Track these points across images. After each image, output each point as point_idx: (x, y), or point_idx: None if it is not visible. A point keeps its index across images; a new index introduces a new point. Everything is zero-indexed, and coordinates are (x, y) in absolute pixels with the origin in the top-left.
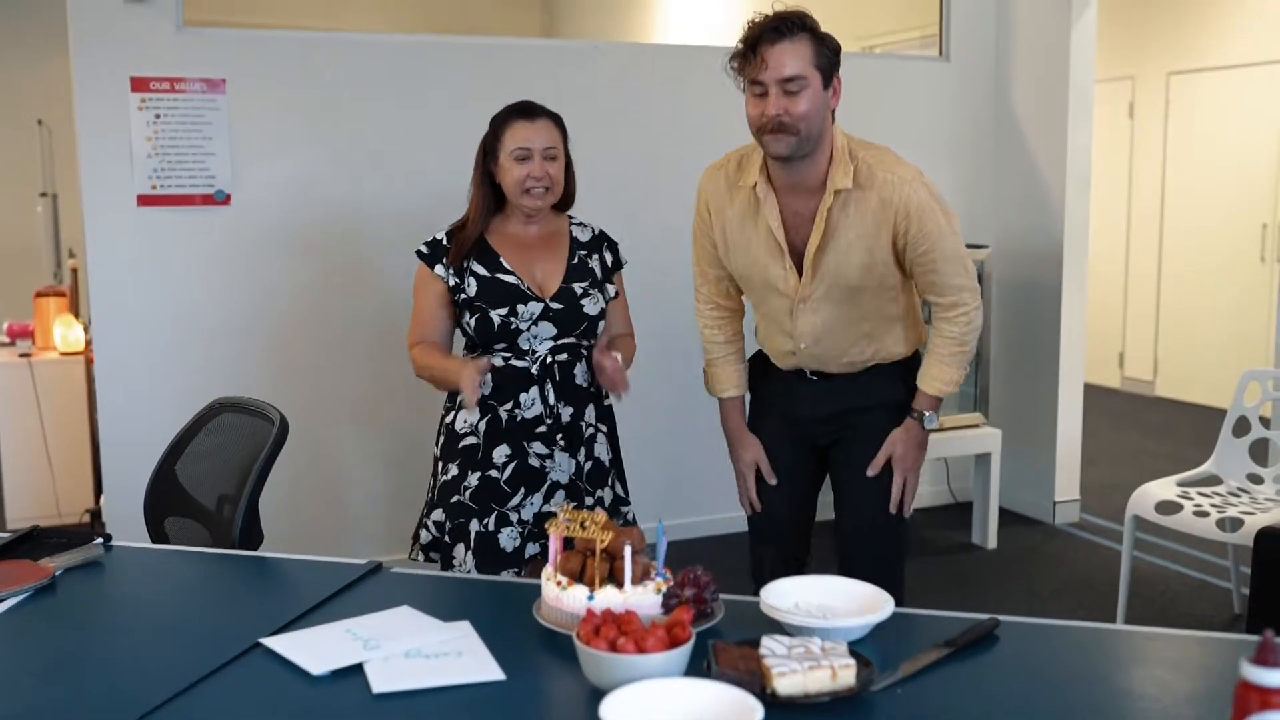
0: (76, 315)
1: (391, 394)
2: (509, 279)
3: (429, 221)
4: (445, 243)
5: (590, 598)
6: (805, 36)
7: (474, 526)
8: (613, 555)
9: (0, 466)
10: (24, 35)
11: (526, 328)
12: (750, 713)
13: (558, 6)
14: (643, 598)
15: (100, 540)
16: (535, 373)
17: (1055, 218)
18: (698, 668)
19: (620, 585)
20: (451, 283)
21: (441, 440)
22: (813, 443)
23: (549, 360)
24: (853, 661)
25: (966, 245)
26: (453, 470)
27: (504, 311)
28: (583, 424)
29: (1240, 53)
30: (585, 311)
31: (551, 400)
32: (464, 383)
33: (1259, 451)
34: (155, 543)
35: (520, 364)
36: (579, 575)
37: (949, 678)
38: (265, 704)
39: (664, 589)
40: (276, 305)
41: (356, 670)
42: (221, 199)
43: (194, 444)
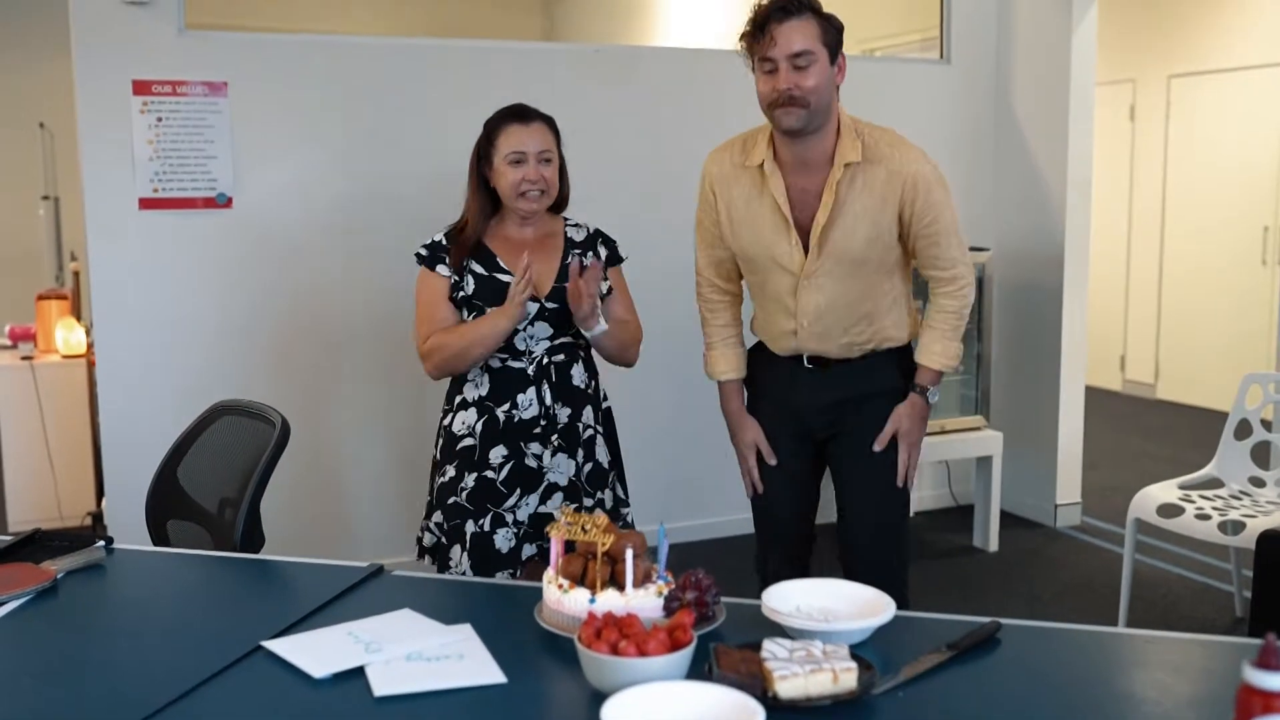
0: (78, 318)
1: (393, 397)
2: (505, 278)
3: (430, 224)
4: (445, 243)
5: (592, 601)
6: (810, 15)
7: (470, 527)
8: (614, 558)
9: (2, 469)
10: (26, 38)
11: (523, 327)
12: (751, 716)
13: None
14: (644, 601)
15: (102, 543)
16: (532, 373)
17: (1056, 220)
18: (699, 671)
19: (622, 588)
20: (454, 280)
21: (440, 442)
22: (811, 435)
23: (545, 361)
24: (854, 665)
25: (968, 249)
26: (450, 472)
27: None
28: (580, 425)
29: (1241, 56)
30: None
31: (548, 401)
32: (514, 298)
33: (1260, 454)
34: (157, 546)
35: (517, 365)
36: (580, 578)
37: (950, 681)
38: (266, 707)
39: (665, 592)
40: (278, 308)
41: (358, 673)
42: (223, 202)
43: (195, 447)
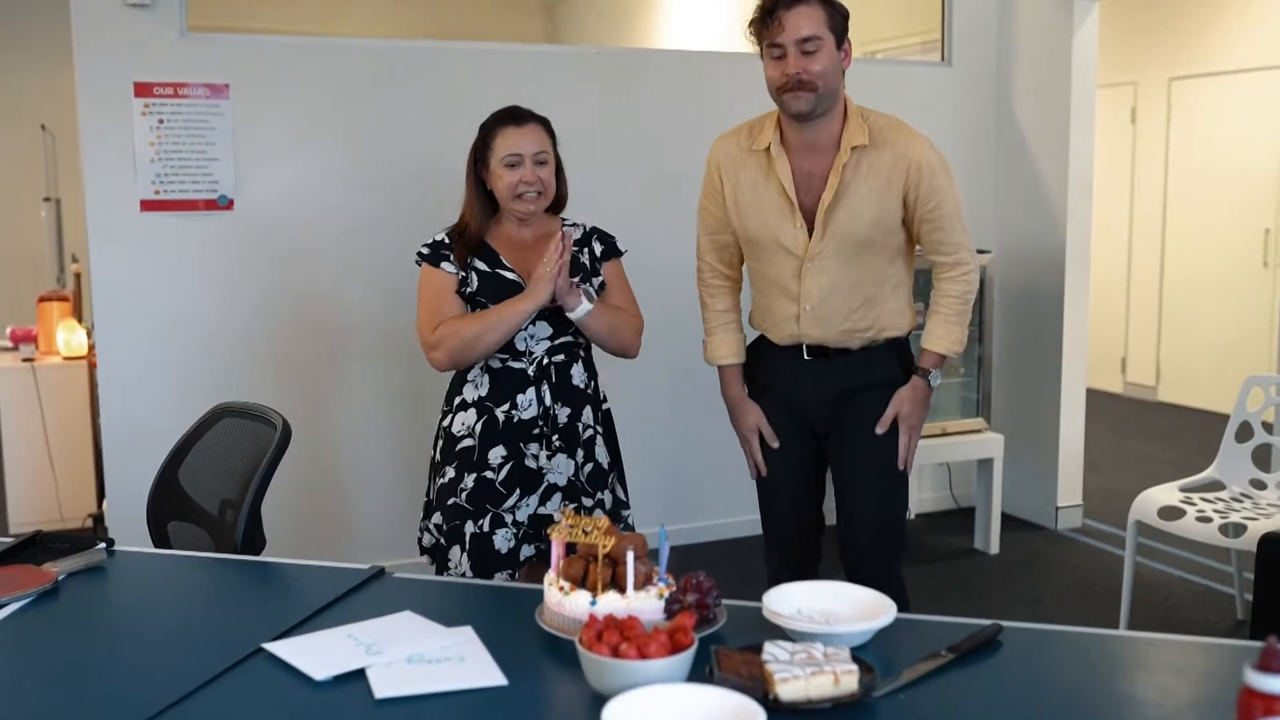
0: (79, 320)
1: (394, 399)
2: (509, 275)
3: (431, 226)
4: (447, 241)
5: (593, 603)
6: (817, 1)
7: (469, 528)
8: (615, 561)
9: (3, 471)
10: (28, 40)
11: (525, 326)
12: (752, 718)
13: (559, 13)
14: (645, 603)
15: (103, 545)
16: (532, 374)
17: (1057, 223)
18: (700, 673)
19: (623, 591)
20: (460, 276)
21: (440, 443)
22: (813, 429)
23: (545, 361)
24: (855, 667)
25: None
26: (449, 473)
27: None
28: (580, 425)
29: (1242, 58)
30: None
31: (548, 401)
32: (544, 277)
33: (1262, 457)
34: (158, 548)
35: (517, 365)
36: (581, 580)
37: (951, 684)
38: (268, 709)
39: (666, 594)
40: (279, 310)
41: (359, 675)
42: (224, 204)
43: (196, 449)
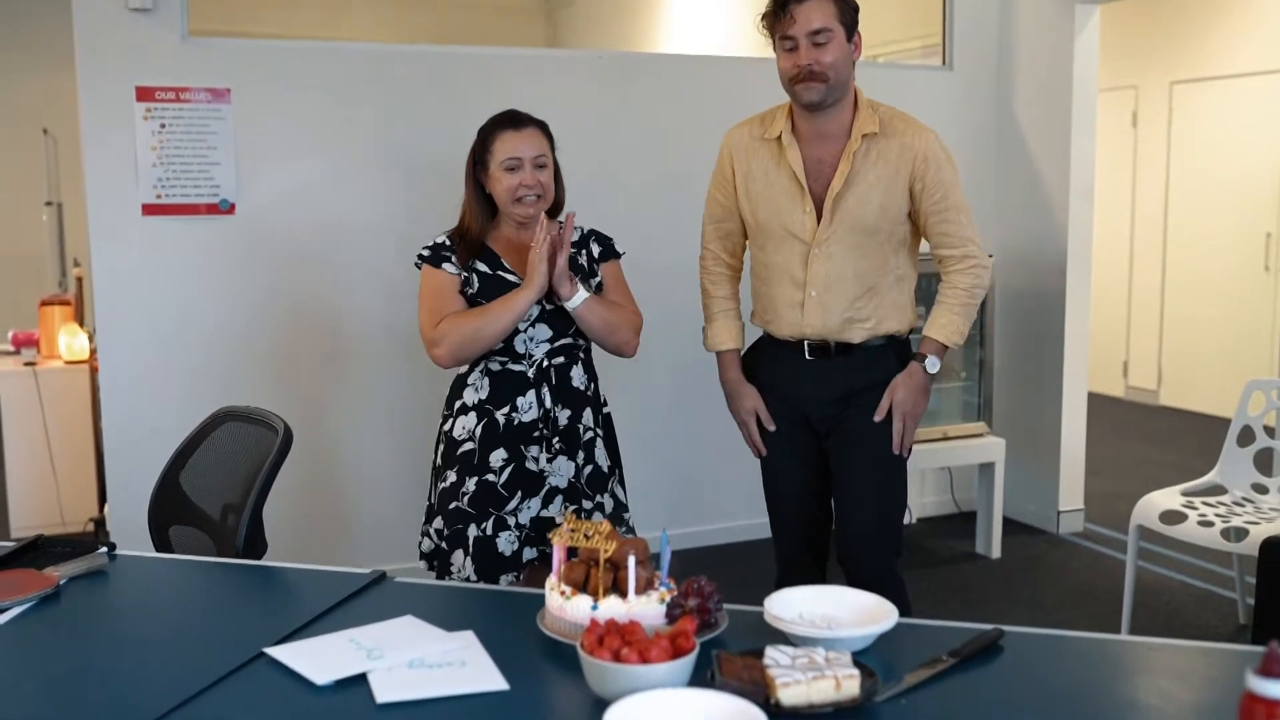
0: (81, 324)
1: (395, 403)
2: (510, 277)
3: (432, 230)
4: (448, 244)
5: (594, 608)
6: None
7: (472, 532)
8: (616, 565)
9: (5, 475)
10: (30, 45)
11: (524, 328)
12: None
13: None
14: (646, 608)
15: (104, 549)
16: (531, 376)
17: (1059, 227)
18: (701, 678)
19: (624, 595)
20: (462, 276)
21: (441, 448)
22: (814, 428)
23: (545, 364)
24: (857, 672)
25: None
26: (451, 477)
27: None
28: (580, 427)
29: (1243, 62)
30: None
31: (548, 403)
32: (535, 266)
33: (1263, 461)
34: (159, 552)
35: (517, 367)
36: (583, 585)
37: (953, 688)
38: (269, 714)
39: (668, 599)
40: (281, 314)
41: (360, 680)
42: (226, 208)
43: (198, 453)
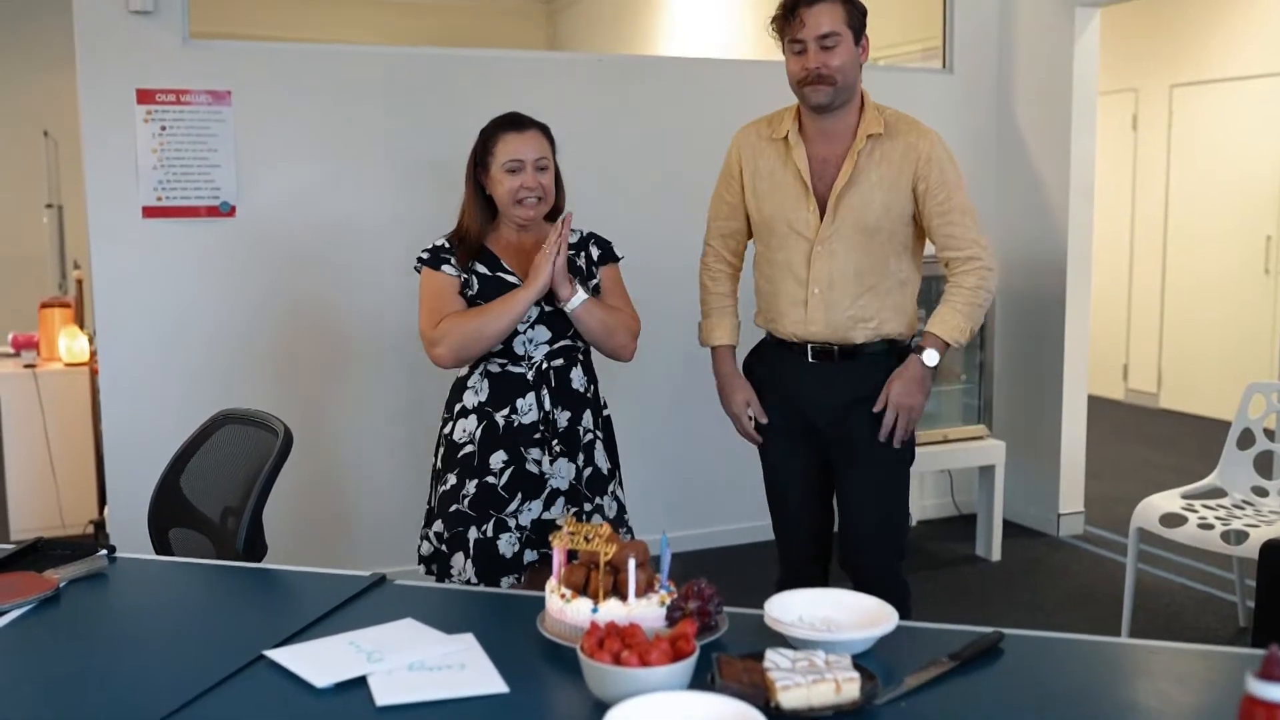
0: (81, 326)
1: (395, 405)
2: (510, 279)
3: (433, 233)
4: (448, 246)
5: (594, 610)
6: None
7: (473, 534)
8: (617, 568)
9: (4, 477)
10: (30, 47)
11: (523, 330)
12: None
13: (562, 20)
14: (647, 610)
15: (104, 552)
16: (531, 378)
17: (1059, 229)
18: (701, 681)
19: (624, 598)
20: (462, 278)
21: (441, 451)
22: (817, 431)
23: (545, 366)
24: (857, 675)
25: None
26: (451, 480)
27: None
28: (580, 429)
29: (1243, 65)
30: None
31: (548, 405)
32: (540, 264)
33: (1264, 464)
34: (159, 554)
35: (516, 370)
36: (583, 588)
37: (953, 691)
38: (269, 717)
39: (668, 601)
40: (281, 317)
41: (360, 683)
42: (226, 210)
43: (198, 455)
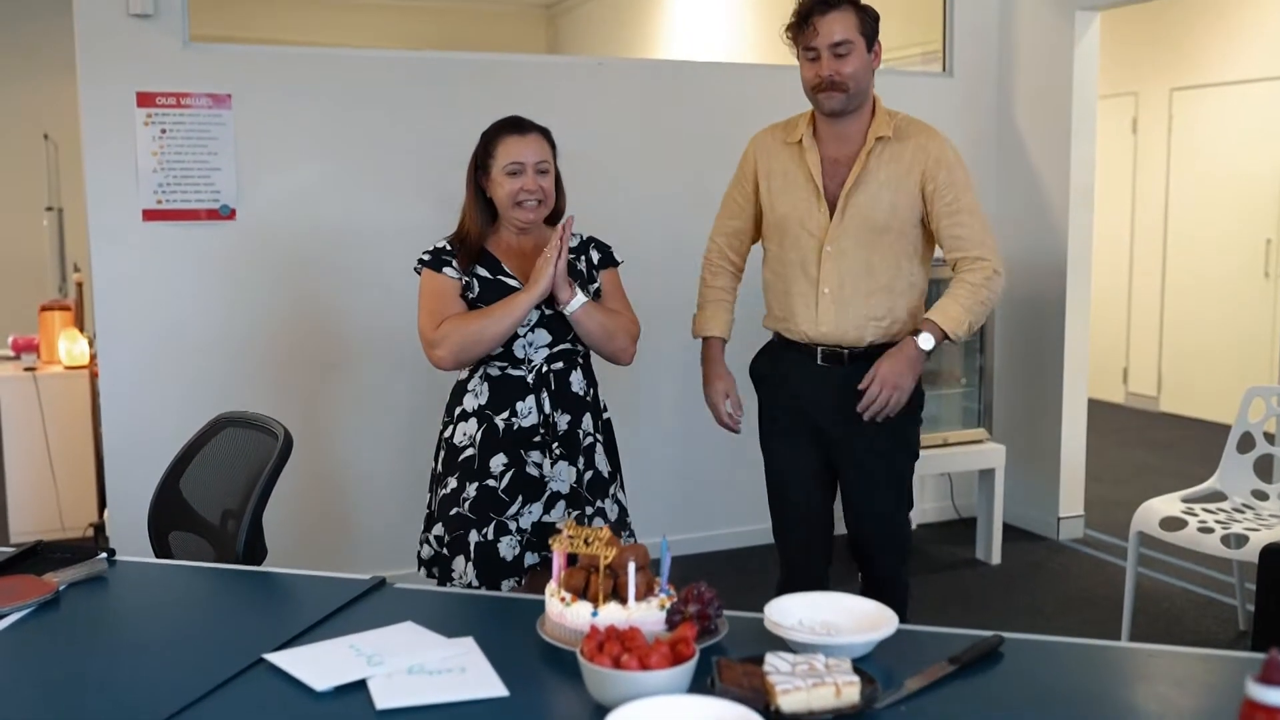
0: (81, 329)
1: (396, 409)
2: (511, 281)
3: (432, 236)
4: (449, 248)
5: (594, 614)
6: (849, 7)
7: (473, 537)
8: (616, 571)
9: (4, 480)
10: (30, 50)
11: (523, 333)
12: None
13: (562, 24)
14: (646, 614)
15: (104, 555)
16: (531, 381)
17: (1058, 233)
18: (701, 684)
19: (624, 601)
20: (463, 281)
21: (441, 455)
22: (820, 431)
23: (545, 369)
24: (857, 678)
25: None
26: (452, 483)
27: None
28: (580, 432)
29: (1243, 69)
30: None
31: (547, 408)
32: (542, 268)
33: (1264, 467)
34: (159, 557)
35: (516, 373)
36: (583, 591)
37: (953, 695)
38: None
39: (668, 605)
40: (281, 320)
41: (360, 686)
42: (226, 214)
43: (198, 458)
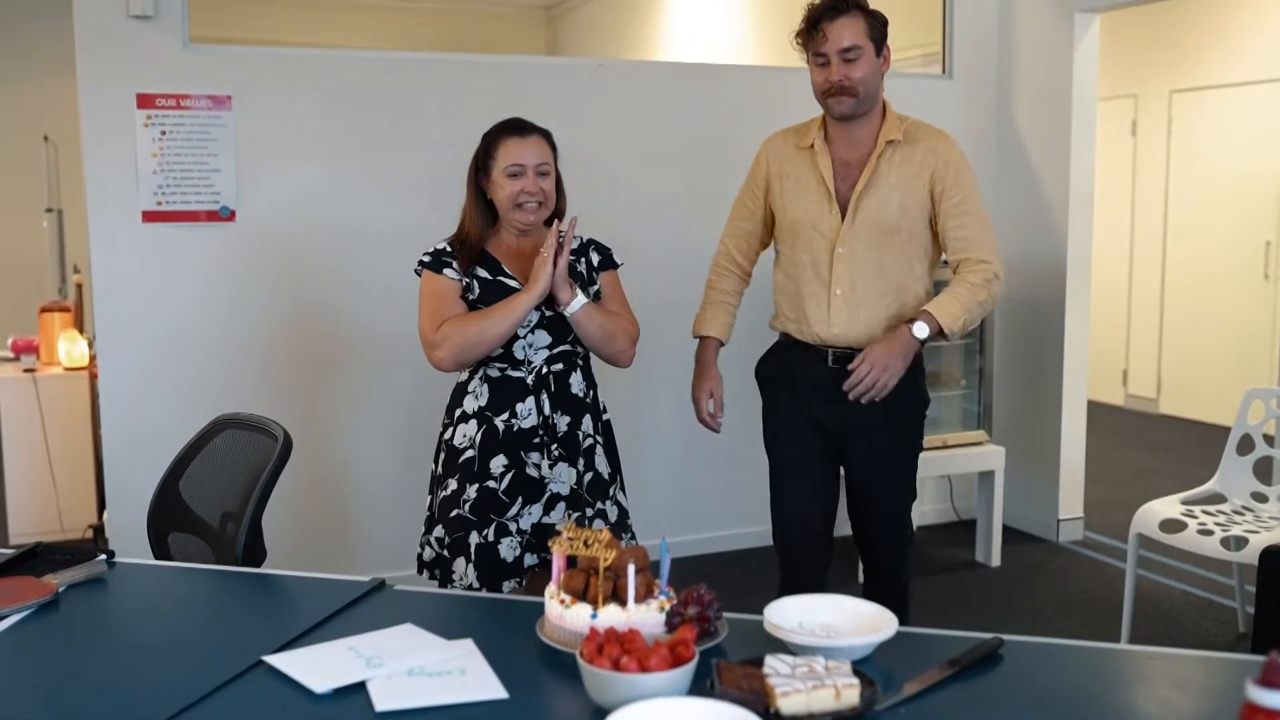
0: (81, 331)
1: (395, 411)
2: (511, 283)
3: (432, 237)
4: (449, 250)
5: (593, 616)
6: (858, 12)
7: (474, 538)
8: (616, 573)
9: (4, 481)
10: (30, 51)
11: (523, 334)
12: None
13: (562, 25)
14: (646, 616)
15: (103, 557)
16: (531, 383)
17: (1058, 235)
18: (701, 687)
19: (624, 604)
20: (464, 282)
21: (442, 456)
22: (825, 431)
23: (544, 370)
24: (856, 681)
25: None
26: (452, 485)
27: None
28: (580, 433)
29: (1242, 71)
30: None
31: (547, 410)
32: (540, 268)
33: (1263, 470)
34: (158, 559)
35: (516, 374)
36: (582, 593)
37: (953, 697)
38: None
39: (667, 607)
40: (280, 321)
41: (359, 688)
42: (226, 215)
43: (198, 460)
